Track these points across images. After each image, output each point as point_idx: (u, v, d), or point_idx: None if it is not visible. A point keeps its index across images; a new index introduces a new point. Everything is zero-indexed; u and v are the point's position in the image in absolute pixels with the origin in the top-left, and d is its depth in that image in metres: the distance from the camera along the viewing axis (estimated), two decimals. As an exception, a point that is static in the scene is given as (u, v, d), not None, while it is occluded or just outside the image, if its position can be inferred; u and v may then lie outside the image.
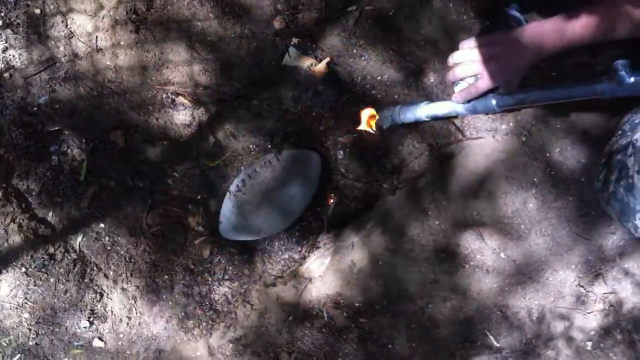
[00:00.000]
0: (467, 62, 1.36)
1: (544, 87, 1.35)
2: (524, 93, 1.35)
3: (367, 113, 1.63)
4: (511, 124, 1.58)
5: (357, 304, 1.70)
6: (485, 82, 1.33)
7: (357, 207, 1.75)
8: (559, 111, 1.53)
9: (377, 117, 1.59)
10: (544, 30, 1.29)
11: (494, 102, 1.36)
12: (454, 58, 1.40)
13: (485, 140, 1.61)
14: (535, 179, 1.56)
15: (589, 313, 1.62)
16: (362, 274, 1.69)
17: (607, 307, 1.60)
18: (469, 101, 1.40)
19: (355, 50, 1.68)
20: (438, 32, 1.63)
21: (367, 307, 1.70)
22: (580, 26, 1.24)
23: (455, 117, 1.59)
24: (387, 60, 1.66)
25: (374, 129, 1.62)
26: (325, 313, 1.72)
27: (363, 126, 1.63)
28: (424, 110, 1.50)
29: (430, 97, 1.64)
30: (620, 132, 1.40)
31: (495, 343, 1.66)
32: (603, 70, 1.34)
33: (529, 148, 1.56)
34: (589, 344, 1.64)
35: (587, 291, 1.60)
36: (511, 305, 1.64)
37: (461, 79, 1.38)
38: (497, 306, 1.64)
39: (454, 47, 1.40)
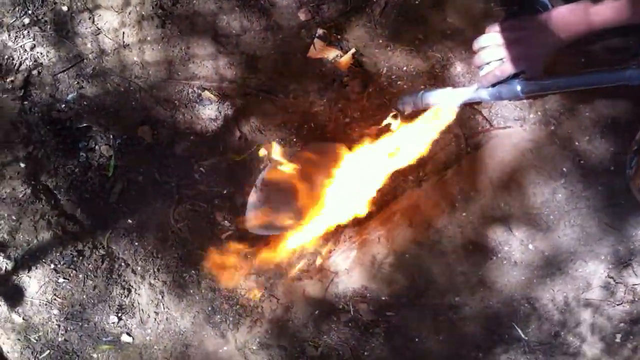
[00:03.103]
0: (493, 45, 1.35)
1: (571, 73, 1.34)
2: (550, 79, 1.34)
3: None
4: (539, 113, 1.56)
5: (383, 298, 1.69)
6: (510, 66, 1.33)
7: (383, 200, 1.73)
8: (588, 99, 1.52)
9: (398, 101, 1.57)
10: (571, 14, 1.28)
11: (519, 87, 1.35)
12: (479, 42, 1.39)
13: (513, 130, 1.60)
14: (564, 169, 1.55)
15: (618, 305, 1.60)
16: (388, 267, 1.68)
17: (636, 299, 1.58)
18: (493, 86, 1.38)
19: (380, 41, 1.67)
20: (464, 20, 1.62)
21: (393, 301, 1.69)
22: (609, 9, 1.22)
23: (480, 103, 1.58)
24: (413, 50, 1.65)
25: (395, 115, 1.60)
26: (351, 307, 1.71)
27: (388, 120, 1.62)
28: (447, 96, 1.48)
29: (457, 87, 1.62)
30: (652, 119, 1.38)
31: (522, 335, 1.65)
32: (633, 55, 1.33)
33: (558, 137, 1.55)
34: (618, 336, 1.62)
35: (617, 282, 1.59)
36: (539, 297, 1.62)
37: (486, 63, 1.37)
38: (524, 298, 1.63)
39: (481, 34, 1.39)
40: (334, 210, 1.71)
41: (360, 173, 1.65)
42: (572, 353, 1.64)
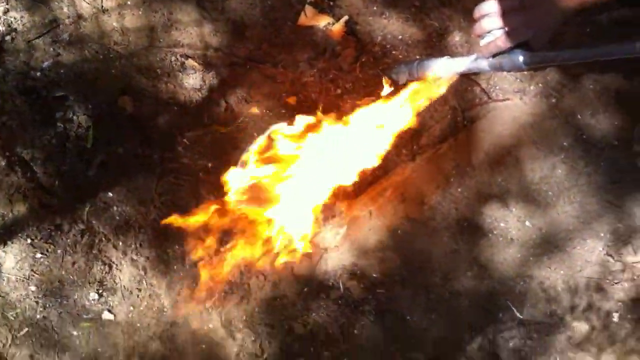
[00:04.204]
0: (495, 13, 1.28)
1: (577, 44, 1.28)
2: (555, 50, 1.27)
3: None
4: (540, 85, 1.52)
5: (374, 275, 1.66)
6: (512, 35, 1.26)
7: (374, 174, 1.69)
8: (592, 70, 1.48)
9: (392, 70, 1.52)
10: None
11: (521, 58, 1.28)
12: (480, 9, 1.32)
13: (512, 103, 1.56)
14: (565, 143, 1.52)
15: (616, 283, 1.58)
16: (379, 243, 1.65)
17: (636, 277, 1.57)
18: (494, 56, 1.32)
19: (375, 8, 1.62)
20: None
21: (384, 278, 1.66)
22: None
23: (478, 74, 1.52)
24: (409, 18, 1.61)
25: (388, 84, 1.54)
26: (341, 284, 1.68)
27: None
28: (444, 65, 1.42)
29: (455, 57, 1.57)
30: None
31: (518, 315, 1.62)
32: (643, 26, 1.28)
33: (559, 110, 1.51)
34: (616, 315, 1.60)
35: (616, 260, 1.57)
36: (536, 276, 1.60)
37: (488, 32, 1.31)
38: (520, 277, 1.61)
39: (482, 1, 1.33)
40: (323, 184, 1.66)
41: (350, 145, 1.60)
42: (568, 332, 1.62)
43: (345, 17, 1.61)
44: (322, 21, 1.63)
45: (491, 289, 1.62)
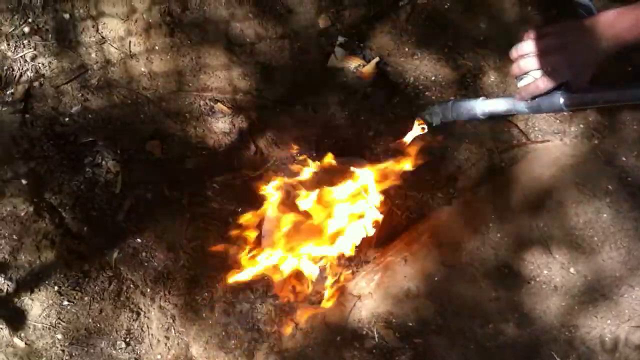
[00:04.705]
0: (532, 54, 1.24)
1: (618, 85, 1.22)
2: (597, 91, 1.22)
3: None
4: (581, 126, 1.48)
5: (410, 323, 1.61)
6: (552, 77, 1.21)
7: (409, 219, 1.67)
8: (634, 110, 1.44)
9: (426, 111, 1.48)
10: (620, 19, 1.17)
11: (561, 100, 1.23)
12: (517, 50, 1.28)
13: (552, 144, 1.52)
14: (609, 187, 1.47)
15: (668, 334, 1.50)
16: (415, 291, 1.61)
17: (689, 328, 1.49)
18: (533, 98, 1.27)
19: (407, 49, 1.61)
20: (499, 26, 1.55)
21: (420, 327, 1.61)
22: None
23: (515, 115, 1.48)
24: (442, 58, 1.59)
25: (423, 127, 1.50)
26: (375, 333, 1.63)
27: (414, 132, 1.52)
28: (480, 107, 1.37)
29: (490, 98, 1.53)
30: None
31: (563, 365, 1.55)
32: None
33: (602, 152, 1.47)
34: None
35: None
36: (581, 325, 1.54)
37: (525, 73, 1.26)
38: (565, 326, 1.55)
39: (517, 42, 1.29)
40: (354, 231, 1.63)
41: (382, 190, 1.58)
42: (615, 386, 1.55)
43: (376, 59, 1.60)
44: (353, 63, 1.62)
45: (534, 338, 1.56)
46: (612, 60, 1.25)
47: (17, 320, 1.68)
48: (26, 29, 1.69)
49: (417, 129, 1.48)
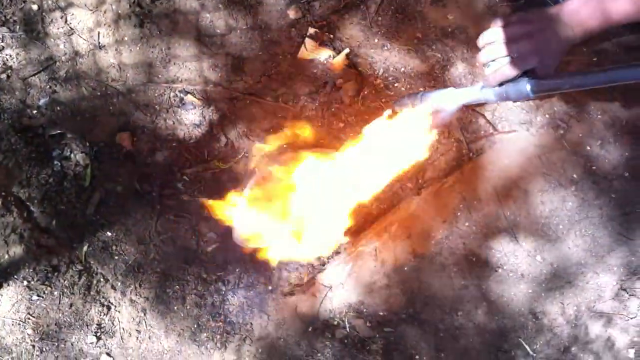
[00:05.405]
0: (499, 41, 1.26)
1: (585, 70, 1.25)
2: (562, 77, 1.24)
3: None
4: (547, 116, 1.50)
5: (381, 313, 1.63)
6: (518, 63, 1.23)
7: (379, 209, 1.66)
8: (599, 100, 1.46)
9: (396, 102, 1.49)
10: (585, 7, 1.20)
11: (528, 87, 1.25)
12: (484, 38, 1.30)
13: (519, 134, 1.54)
14: (574, 175, 1.49)
15: (631, 318, 1.55)
16: (386, 280, 1.62)
17: (652, 311, 1.52)
18: (500, 85, 1.29)
19: (376, 40, 1.60)
20: (466, 17, 1.55)
21: (391, 316, 1.62)
22: (627, 2, 1.15)
23: (483, 105, 1.50)
24: (411, 49, 1.59)
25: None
26: (347, 323, 1.64)
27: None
28: (449, 96, 1.39)
29: (459, 87, 1.55)
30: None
31: (530, 351, 1.58)
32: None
33: (567, 142, 1.49)
34: (632, 351, 1.57)
35: (630, 295, 1.54)
36: (548, 311, 1.57)
37: (492, 60, 1.28)
38: (532, 312, 1.57)
39: (485, 30, 1.31)
40: (326, 220, 1.63)
41: (353, 179, 1.57)
42: (582, 370, 1.58)
43: (346, 50, 1.60)
44: (323, 54, 1.61)
45: (502, 325, 1.58)
46: (578, 51, 1.28)
47: (-15, 316, 1.63)
48: (-7, 21, 1.66)
49: (385, 119, 1.50)
